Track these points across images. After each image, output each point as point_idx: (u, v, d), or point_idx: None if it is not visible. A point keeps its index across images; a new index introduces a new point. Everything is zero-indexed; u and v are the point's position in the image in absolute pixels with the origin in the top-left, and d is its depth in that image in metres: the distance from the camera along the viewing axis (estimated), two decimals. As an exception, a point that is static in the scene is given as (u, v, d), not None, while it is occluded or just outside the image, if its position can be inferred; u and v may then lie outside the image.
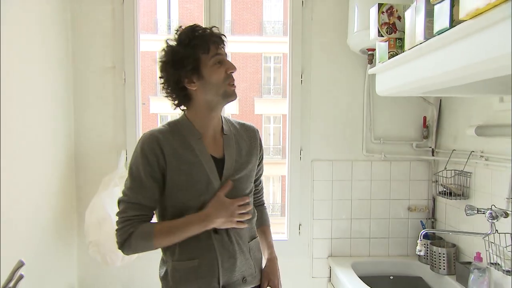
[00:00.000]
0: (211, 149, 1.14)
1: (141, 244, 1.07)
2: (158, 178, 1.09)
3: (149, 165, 1.08)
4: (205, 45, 1.08)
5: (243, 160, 1.18)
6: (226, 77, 1.11)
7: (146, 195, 1.09)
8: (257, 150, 1.24)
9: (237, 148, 1.18)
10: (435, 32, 0.98)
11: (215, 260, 1.11)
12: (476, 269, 1.48)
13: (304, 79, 2.01)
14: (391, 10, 1.30)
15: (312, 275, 2.05)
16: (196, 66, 1.08)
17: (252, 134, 1.25)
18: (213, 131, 1.17)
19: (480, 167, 1.65)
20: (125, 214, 1.08)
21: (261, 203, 1.39)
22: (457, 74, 0.95)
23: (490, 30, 0.79)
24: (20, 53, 1.53)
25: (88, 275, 1.99)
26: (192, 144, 1.12)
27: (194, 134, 1.13)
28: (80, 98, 1.96)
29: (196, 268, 1.11)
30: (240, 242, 1.16)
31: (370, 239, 2.05)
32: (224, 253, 1.12)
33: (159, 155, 1.08)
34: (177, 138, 1.12)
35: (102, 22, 1.95)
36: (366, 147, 2.03)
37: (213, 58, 1.09)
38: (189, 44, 1.07)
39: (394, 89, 1.37)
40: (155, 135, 1.10)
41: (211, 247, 1.11)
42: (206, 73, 1.08)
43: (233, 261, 1.13)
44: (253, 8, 9.77)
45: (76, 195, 1.97)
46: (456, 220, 1.84)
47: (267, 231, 1.34)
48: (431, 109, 2.03)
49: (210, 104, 1.13)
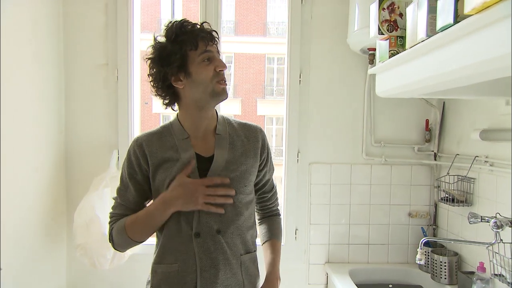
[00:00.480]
0: (200, 148, 1.09)
1: (120, 238, 1.08)
2: (140, 181, 1.10)
3: (132, 167, 1.10)
4: (194, 41, 1.03)
5: (236, 160, 1.10)
6: (214, 74, 1.05)
7: (129, 197, 1.11)
8: (256, 151, 1.14)
9: (230, 148, 1.11)
10: (438, 29, 0.92)
11: (193, 268, 1.04)
12: (479, 280, 1.42)
13: (302, 79, 1.95)
14: (393, 6, 1.23)
15: (308, 282, 1.99)
16: (183, 63, 1.03)
17: (253, 134, 1.16)
18: (203, 130, 1.11)
19: (484, 173, 1.58)
20: (113, 211, 1.13)
21: (274, 213, 1.27)
22: (461, 74, 0.88)
23: (498, 25, 0.73)
24: (10, 49, 1.49)
25: (77, 278, 1.94)
26: (177, 143, 1.09)
27: (181, 134, 1.10)
28: (71, 96, 1.91)
29: (175, 273, 1.05)
30: (229, 252, 1.06)
31: (369, 245, 1.99)
32: (205, 260, 1.04)
33: (141, 157, 1.09)
34: (164, 139, 1.09)
35: (95, 18, 1.90)
36: (366, 150, 1.97)
37: (202, 55, 1.04)
38: (176, 39, 1.02)
39: (394, 90, 1.30)
40: (140, 138, 1.11)
41: (191, 252, 1.04)
42: (193, 70, 1.03)
43: (215, 272, 1.04)
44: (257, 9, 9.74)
45: (66, 195, 1.93)
46: (458, 228, 1.77)
47: (275, 246, 1.19)
48: (434, 112, 1.96)
49: (198, 103, 1.08)
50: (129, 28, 1.90)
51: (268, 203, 1.25)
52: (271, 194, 1.25)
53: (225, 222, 1.07)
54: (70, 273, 1.94)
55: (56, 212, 1.86)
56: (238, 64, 9.87)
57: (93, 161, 1.91)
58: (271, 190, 1.25)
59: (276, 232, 1.22)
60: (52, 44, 1.83)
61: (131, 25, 1.91)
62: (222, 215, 1.06)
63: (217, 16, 1.93)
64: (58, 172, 1.88)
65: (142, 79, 2.04)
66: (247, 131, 1.16)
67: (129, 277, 1.93)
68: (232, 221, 1.07)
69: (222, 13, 1.97)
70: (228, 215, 1.07)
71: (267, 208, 1.25)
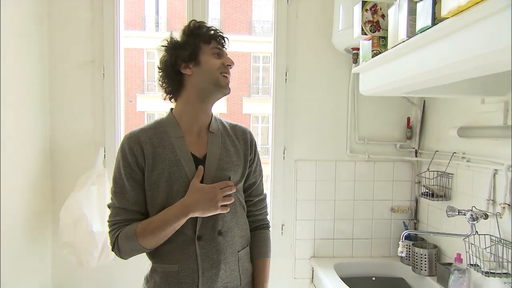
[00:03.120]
0: (194, 147, 1.10)
1: (128, 246, 1.04)
2: (139, 179, 1.06)
3: (128, 166, 1.05)
4: (208, 37, 1.10)
5: (229, 160, 1.12)
6: (221, 66, 1.10)
7: (129, 199, 1.06)
8: (246, 152, 1.17)
9: (223, 147, 1.13)
10: (417, 30, 0.97)
11: (195, 268, 1.05)
12: (456, 270, 1.48)
13: (288, 77, 1.98)
14: (375, 8, 1.28)
15: (294, 276, 2.03)
16: (195, 52, 1.08)
17: (243, 136, 1.19)
18: (198, 128, 1.13)
19: (461, 169, 1.65)
20: (113, 218, 1.07)
21: (261, 225, 1.23)
22: (439, 73, 0.93)
23: (472, 27, 0.78)
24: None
25: (63, 276, 1.92)
26: (173, 142, 1.08)
27: (176, 132, 1.10)
28: (57, 93, 1.89)
29: (176, 273, 1.06)
30: (228, 251, 1.09)
31: (353, 240, 2.04)
32: (207, 261, 1.06)
33: (138, 155, 1.05)
34: (159, 136, 1.09)
35: (80, 14, 1.89)
36: (350, 147, 2.02)
37: (213, 49, 1.10)
38: (192, 33, 1.10)
39: (377, 89, 1.35)
40: (135, 134, 1.08)
41: (193, 254, 1.05)
42: (203, 59, 1.09)
43: (216, 271, 1.06)
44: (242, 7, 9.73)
45: (51, 193, 1.90)
46: (438, 221, 1.84)
47: (265, 267, 1.18)
48: (415, 110, 2.03)
49: (201, 93, 1.10)
50: (115, 25, 1.89)
51: (253, 208, 1.21)
52: (258, 199, 1.22)
53: (226, 223, 1.09)
54: (55, 272, 1.92)
55: (41, 210, 1.84)
56: (224, 62, 9.75)
57: (79, 159, 1.89)
58: (258, 195, 1.22)
59: (267, 249, 1.21)
60: (37, 41, 1.81)
61: (118, 22, 1.90)
62: (223, 216, 1.08)
63: (204, 14, 1.94)
64: (44, 170, 1.86)
65: (126, 77, 2.03)
66: (237, 132, 1.19)
67: (115, 275, 1.93)
68: (231, 221, 1.10)
69: (209, 11, 1.97)
70: (229, 216, 1.10)
71: (252, 216, 1.21)
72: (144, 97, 8.80)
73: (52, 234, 1.90)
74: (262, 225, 1.24)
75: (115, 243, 1.05)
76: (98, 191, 1.75)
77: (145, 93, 8.94)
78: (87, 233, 1.63)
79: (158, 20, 9.33)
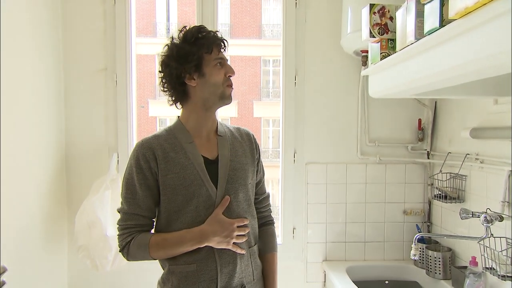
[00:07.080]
0: (204, 150, 1.14)
1: (138, 254, 1.09)
2: (152, 185, 1.09)
3: (141, 172, 1.08)
4: (209, 45, 1.11)
5: (240, 160, 1.16)
6: (225, 79, 1.13)
7: (140, 205, 1.10)
8: (252, 152, 1.22)
9: (232, 149, 1.17)
10: (425, 32, 0.97)
11: (213, 265, 1.09)
12: (472, 274, 1.46)
13: (298, 81, 1.99)
14: (383, 10, 1.28)
15: (306, 280, 2.02)
16: (199, 64, 1.10)
17: (247, 137, 1.24)
18: (206, 132, 1.16)
19: (475, 170, 1.63)
20: (123, 223, 1.10)
21: (267, 221, 1.29)
22: (448, 75, 0.93)
23: (479, 29, 0.77)
24: (11, 54, 1.51)
25: (78, 280, 1.96)
26: (184, 147, 1.11)
27: (186, 137, 1.13)
28: (71, 100, 1.94)
29: (194, 273, 1.08)
30: (244, 247, 1.13)
31: (365, 243, 2.03)
32: (224, 257, 1.09)
33: (151, 160, 1.08)
34: (170, 142, 1.12)
35: (94, 23, 1.94)
36: (361, 150, 2.01)
37: (215, 60, 1.12)
38: (195, 42, 1.10)
39: (386, 91, 1.34)
40: (147, 140, 1.11)
41: (210, 253, 1.09)
42: (207, 71, 1.10)
43: (233, 266, 1.10)
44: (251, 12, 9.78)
45: (67, 198, 1.95)
46: (452, 224, 1.82)
47: (274, 260, 1.25)
48: (426, 111, 2.01)
49: (206, 103, 1.13)
50: (127, 33, 1.94)
51: (259, 206, 1.27)
52: (263, 197, 1.28)
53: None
54: (71, 275, 1.96)
55: (57, 215, 1.89)
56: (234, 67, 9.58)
57: (93, 164, 1.93)
58: (262, 193, 1.28)
59: (273, 244, 1.26)
60: (52, 49, 1.86)
61: (129, 30, 1.95)
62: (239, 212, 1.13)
63: (213, 19, 1.97)
64: (59, 175, 1.90)
65: (138, 83, 2.07)
66: (241, 133, 1.24)
67: (130, 278, 1.96)
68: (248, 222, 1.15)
69: (218, 16, 2.00)
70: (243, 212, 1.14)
71: (259, 213, 1.26)
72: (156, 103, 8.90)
73: (68, 238, 1.94)
74: (268, 221, 1.29)
75: (125, 247, 1.09)
76: (112, 195, 1.78)
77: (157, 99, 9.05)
78: (102, 237, 1.66)
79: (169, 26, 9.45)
